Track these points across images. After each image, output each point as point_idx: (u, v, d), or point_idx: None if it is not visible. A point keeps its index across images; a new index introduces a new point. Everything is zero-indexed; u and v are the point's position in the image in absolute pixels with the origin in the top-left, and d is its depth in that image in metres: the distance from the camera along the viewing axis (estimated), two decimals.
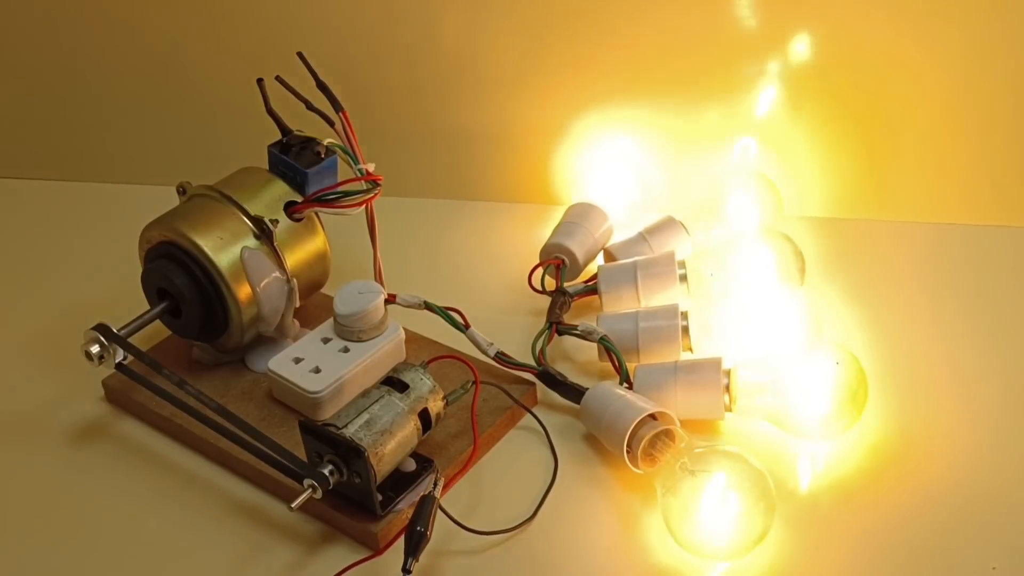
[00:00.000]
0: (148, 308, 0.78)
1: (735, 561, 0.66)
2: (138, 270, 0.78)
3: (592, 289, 0.83)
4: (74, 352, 0.75)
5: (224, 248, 0.75)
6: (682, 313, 0.78)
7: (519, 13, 0.92)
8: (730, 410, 0.73)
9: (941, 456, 0.72)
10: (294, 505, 0.65)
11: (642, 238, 0.87)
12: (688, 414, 0.72)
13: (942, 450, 0.73)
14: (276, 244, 0.77)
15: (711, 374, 0.73)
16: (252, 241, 0.76)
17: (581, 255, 0.86)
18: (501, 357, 0.77)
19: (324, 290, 0.83)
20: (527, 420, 0.77)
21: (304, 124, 0.79)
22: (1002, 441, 0.73)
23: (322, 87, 0.78)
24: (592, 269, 0.85)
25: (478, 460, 0.73)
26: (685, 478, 0.66)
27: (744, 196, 0.87)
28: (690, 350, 0.78)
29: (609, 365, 0.77)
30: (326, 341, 0.78)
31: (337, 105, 0.78)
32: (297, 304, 0.78)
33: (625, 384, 0.75)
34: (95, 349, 0.74)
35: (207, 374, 0.79)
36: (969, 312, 0.84)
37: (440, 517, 0.66)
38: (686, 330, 0.77)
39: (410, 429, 0.69)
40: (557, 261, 0.85)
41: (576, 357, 0.82)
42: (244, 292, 0.76)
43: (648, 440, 0.69)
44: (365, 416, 0.67)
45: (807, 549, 0.67)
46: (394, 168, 0.81)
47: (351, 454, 0.66)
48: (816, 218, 0.94)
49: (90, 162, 1.05)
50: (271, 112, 0.79)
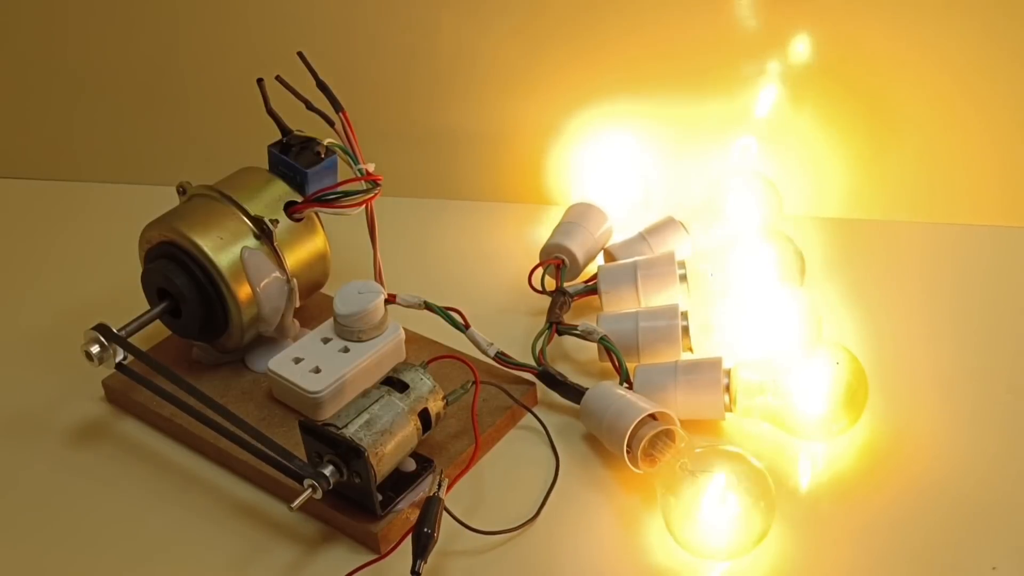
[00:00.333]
0: (148, 308, 0.77)
1: (735, 561, 0.66)
2: (138, 270, 0.78)
3: (592, 289, 0.83)
4: (74, 352, 0.75)
5: (224, 248, 0.75)
6: (682, 313, 0.78)
7: (519, 13, 0.92)
8: (730, 410, 0.73)
9: (941, 456, 0.72)
10: (294, 505, 0.65)
11: (642, 238, 0.87)
12: (688, 414, 0.72)
13: (942, 450, 0.73)
14: (276, 244, 0.76)
15: (711, 374, 0.73)
16: (252, 241, 0.76)
17: (581, 255, 0.86)
18: (501, 357, 0.77)
19: (324, 290, 0.83)
20: (527, 420, 0.77)
21: (304, 124, 0.79)
22: (1003, 441, 0.73)
23: (322, 87, 0.78)
24: (592, 269, 0.85)
25: (479, 460, 0.73)
26: (685, 478, 0.65)
27: (744, 196, 0.87)
28: (690, 350, 0.78)
29: (609, 365, 0.77)
30: (326, 341, 0.78)
31: (337, 105, 0.78)
32: (297, 304, 0.78)
33: (625, 384, 0.75)
34: (95, 349, 0.74)
35: (207, 374, 0.79)
36: (969, 312, 0.83)
37: (443, 517, 0.66)
38: (686, 330, 0.77)
39: (410, 429, 0.69)
40: (557, 261, 0.85)
41: (576, 357, 0.82)
42: (244, 292, 0.76)
43: (648, 440, 0.69)
44: (365, 416, 0.67)
45: (807, 549, 0.67)
46: (394, 168, 0.81)
47: (351, 454, 0.66)
48: (816, 218, 0.94)
49: (90, 162, 1.05)
50: (271, 112, 0.79)
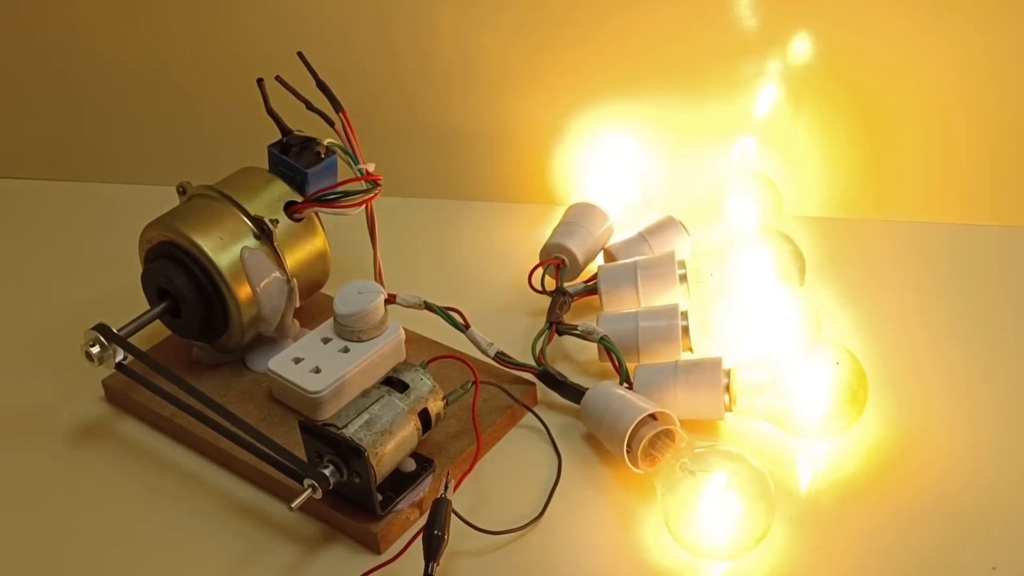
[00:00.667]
0: (148, 308, 0.78)
1: (735, 561, 0.66)
2: (138, 270, 0.78)
3: (592, 289, 0.83)
4: (74, 352, 0.75)
5: (224, 248, 0.75)
6: (682, 313, 0.78)
7: (519, 13, 0.92)
8: (730, 410, 0.73)
9: (941, 456, 0.72)
10: (294, 505, 0.65)
11: (642, 238, 0.87)
12: (688, 414, 0.72)
13: (942, 450, 0.73)
14: (276, 244, 0.76)
15: (711, 374, 0.73)
16: (252, 241, 0.76)
17: (581, 255, 0.86)
18: (501, 357, 0.77)
19: (324, 290, 0.83)
20: (526, 420, 0.77)
21: (304, 124, 0.79)
22: (1002, 441, 0.73)
23: (322, 87, 0.78)
24: (592, 269, 0.85)
25: (480, 460, 0.73)
26: (685, 478, 0.65)
27: (744, 196, 0.87)
28: (690, 350, 0.78)
29: (609, 365, 0.77)
30: (326, 341, 0.78)
31: (337, 105, 0.78)
32: (297, 304, 0.78)
33: (625, 384, 0.75)
34: (95, 349, 0.74)
35: (207, 374, 0.79)
36: (969, 312, 0.83)
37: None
38: (686, 330, 0.77)
39: (410, 429, 0.69)
40: (557, 261, 0.85)
41: (576, 357, 0.82)
42: (244, 292, 0.76)
43: (648, 440, 0.69)
44: (365, 416, 0.67)
45: (807, 549, 0.67)
46: (394, 168, 0.81)
47: (351, 454, 0.66)
48: (816, 218, 0.94)
49: (90, 162, 1.05)
50: (271, 112, 0.79)
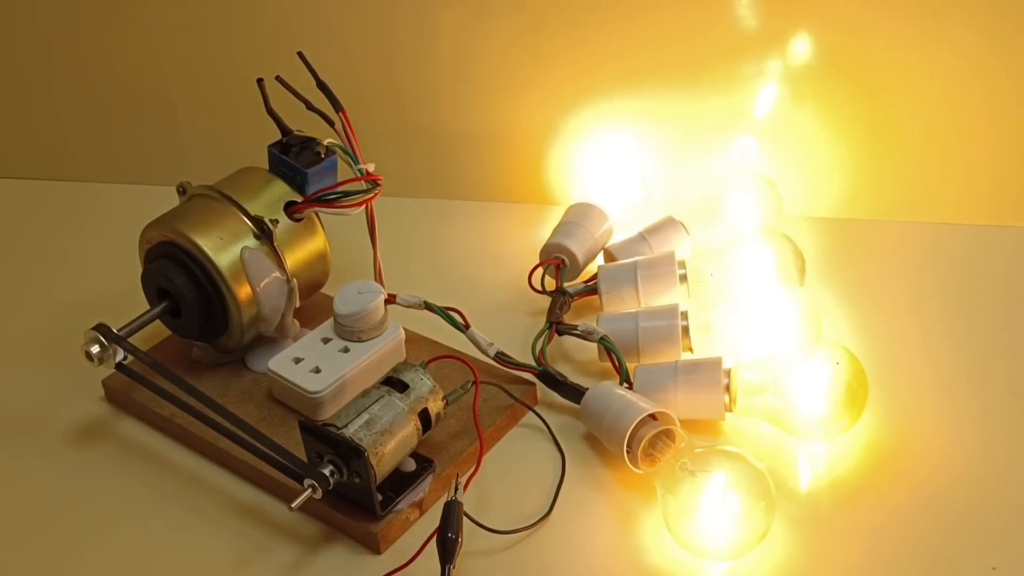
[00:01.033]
0: (148, 308, 0.78)
1: (735, 561, 0.66)
2: (138, 270, 0.78)
3: (592, 289, 0.83)
4: (74, 352, 0.75)
5: (224, 248, 0.75)
6: (682, 313, 0.78)
7: (519, 13, 0.92)
8: (730, 410, 0.73)
9: (941, 456, 0.72)
10: (294, 505, 0.65)
11: (642, 238, 0.87)
12: (688, 414, 0.72)
13: (942, 450, 0.73)
14: (276, 244, 0.76)
15: (711, 374, 0.73)
16: (252, 241, 0.76)
17: (581, 255, 0.86)
18: (501, 357, 0.77)
19: (324, 290, 0.83)
20: (526, 419, 0.77)
21: (304, 124, 0.79)
22: (1002, 441, 0.73)
23: (322, 87, 0.78)
24: (592, 269, 0.85)
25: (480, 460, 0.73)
26: (685, 478, 0.65)
27: (744, 196, 0.87)
28: (690, 350, 0.78)
29: (609, 365, 0.77)
30: (326, 341, 0.78)
31: (337, 105, 0.78)
32: (297, 304, 0.78)
33: (625, 384, 0.75)
34: (95, 349, 0.74)
35: (207, 374, 0.79)
36: (969, 312, 0.83)
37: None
38: (686, 330, 0.77)
39: (410, 429, 0.69)
40: (557, 261, 0.85)
41: (576, 357, 0.82)
42: (244, 292, 0.76)
43: (648, 440, 0.68)
44: (365, 416, 0.67)
45: (807, 549, 0.67)
46: (394, 168, 0.81)
47: (351, 454, 0.66)
48: (816, 218, 0.94)
49: (90, 162, 1.05)
50: (271, 112, 0.79)
